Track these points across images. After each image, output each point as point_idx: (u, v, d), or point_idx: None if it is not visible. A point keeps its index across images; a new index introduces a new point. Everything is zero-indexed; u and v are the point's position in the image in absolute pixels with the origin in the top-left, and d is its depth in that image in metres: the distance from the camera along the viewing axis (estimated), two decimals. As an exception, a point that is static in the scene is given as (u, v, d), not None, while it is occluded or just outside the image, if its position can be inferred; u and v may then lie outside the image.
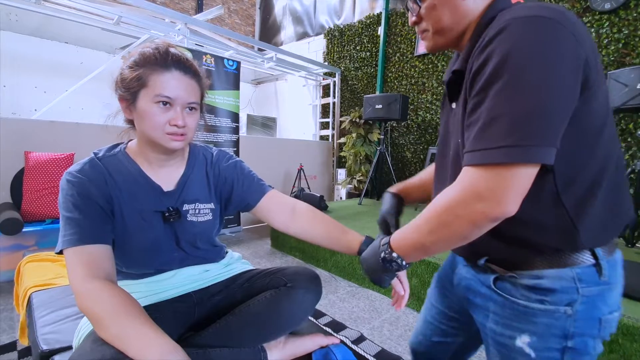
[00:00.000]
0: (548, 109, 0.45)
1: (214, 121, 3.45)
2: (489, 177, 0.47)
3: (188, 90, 0.75)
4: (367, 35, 4.61)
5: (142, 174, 0.80)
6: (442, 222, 0.52)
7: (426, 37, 0.66)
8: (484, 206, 0.47)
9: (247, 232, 3.91)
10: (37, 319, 1.10)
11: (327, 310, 2.07)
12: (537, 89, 0.45)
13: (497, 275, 0.61)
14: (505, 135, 0.46)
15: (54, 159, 2.46)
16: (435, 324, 0.83)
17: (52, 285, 1.34)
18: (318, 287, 0.86)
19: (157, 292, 0.83)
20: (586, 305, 0.55)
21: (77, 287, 0.65)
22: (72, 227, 0.69)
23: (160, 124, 0.72)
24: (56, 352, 0.94)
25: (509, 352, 0.60)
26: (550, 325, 0.56)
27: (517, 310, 0.58)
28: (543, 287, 0.55)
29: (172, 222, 0.81)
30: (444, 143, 0.68)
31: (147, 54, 0.73)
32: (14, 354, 1.52)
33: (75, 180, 0.73)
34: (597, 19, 2.77)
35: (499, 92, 0.47)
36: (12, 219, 2.07)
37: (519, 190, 0.47)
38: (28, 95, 3.95)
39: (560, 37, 0.46)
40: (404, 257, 0.61)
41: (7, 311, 1.90)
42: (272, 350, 0.84)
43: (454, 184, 0.52)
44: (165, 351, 0.59)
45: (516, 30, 0.47)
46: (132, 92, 0.73)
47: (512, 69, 0.46)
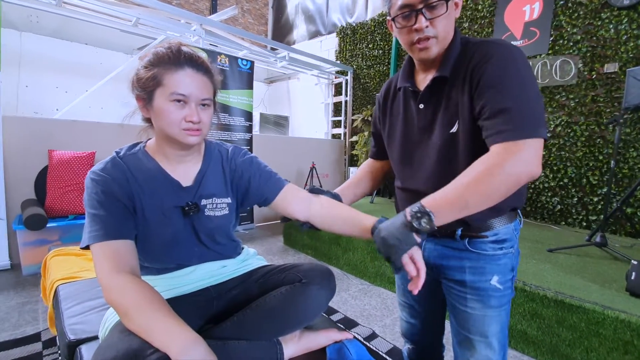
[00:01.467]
0: (542, 104, 0.71)
1: (228, 120, 3.50)
2: (532, 146, 0.65)
3: (201, 87, 0.77)
4: (380, 33, 4.59)
5: (161, 170, 0.83)
6: (491, 181, 0.65)
7: (432, 43, 0.76)
8: (530, 168, 0.65)
9: (260, 230, 3.96)
10: (63, 310, 1.16)
11: (339, 307, 2.09)
12: (537, 91, 0.70)
13: (467, 239, 0.82)
14: (533, 120, 0.67)
15: (76, 157, 2.54)
16: (411, 303, 1.03)
17: (78, 278, 1.40)
18: (332, 284, 0.88)
19: (177, 286, 0.86)
20: (517, 245, 0.85)
21: (104, 281, 0.69)
22: (97, 224, 0.72)
23: (176, 121, 0.75)
24: (82, 342, 0.99)
25: (486, 291, 0.82)
26: (506, 263, 0.82)
27: (488, 259, 0.81)
28: (501, 239, 0.81)
29: (191, 216, 0.83)
30: (417, 137, 0.86)
31: (160, 54, 0.75)
32: (38, 344, 1.59)
33: (99, 179, 0.75)
34: (616, 15, 2.70)
35: (520, 91, 0.68)
36: (37, 214, 2.15)
37: (541, 155, 0.67)
38: (49, 95, 4.08)
39: (526, 59, 0.73)
40: (436, 215, 0.66)
41: (31, 304, 1.98)
42: (287, 343, 0.86)
43: (494, 153, 0.67)
44: (188, 341, 0.62)
45: (508, 54, 0.71)
46: (148, 91, 0.75)
47: (519, 78, 0.69)
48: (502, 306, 0.83)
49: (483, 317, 0.82)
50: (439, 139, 0.80)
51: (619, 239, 2.59)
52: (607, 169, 2.78)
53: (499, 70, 0.70)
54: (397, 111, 0.92)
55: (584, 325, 1.44)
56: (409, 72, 0.89)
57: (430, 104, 0.82)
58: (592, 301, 1.45)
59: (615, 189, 2.75)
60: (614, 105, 2.74)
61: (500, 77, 0.69)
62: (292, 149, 4.45)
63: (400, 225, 0.67)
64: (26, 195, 2.54)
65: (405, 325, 1.08)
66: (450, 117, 0.78)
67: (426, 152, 0.84)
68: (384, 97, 0.98)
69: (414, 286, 0.67)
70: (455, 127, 0.77)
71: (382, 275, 2.39)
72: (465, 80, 0.74)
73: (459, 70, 0.76)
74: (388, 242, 0.67)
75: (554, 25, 3.05)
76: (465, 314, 0.85)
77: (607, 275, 1.77)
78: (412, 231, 0.65)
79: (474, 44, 0.77)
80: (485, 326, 0.83)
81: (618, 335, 1.35)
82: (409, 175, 0.89)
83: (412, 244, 0.66)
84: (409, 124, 0.88)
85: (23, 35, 3.88)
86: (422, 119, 0.84)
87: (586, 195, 2.91)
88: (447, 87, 0.78)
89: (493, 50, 0.72)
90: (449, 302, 0.89)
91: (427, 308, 1.01)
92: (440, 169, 0.81)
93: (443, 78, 0.78)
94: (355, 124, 4.54)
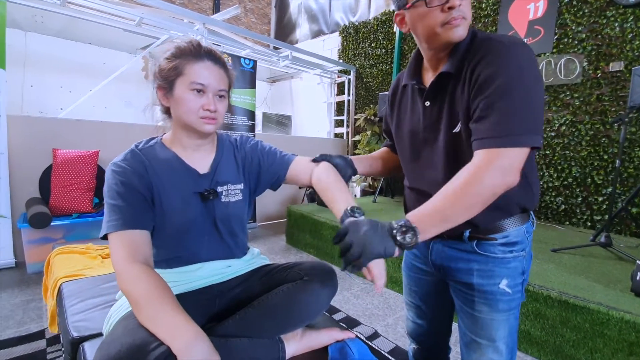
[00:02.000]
0: (539, 110, 0.66)
1: (231, 119, 3.50)
2: (509, 155, 0.63)
3: (218, 78, 0.82)
4: (383, 32, 4.58)
5: (179, 159, 0.87)
6: (470, 192, 0.63)
7: (463, 22, 0.72)
8: (505, 179, 0.63)
9: (263, 229, 3.97)
10: (67, 307, 1.17)
11: (341, 306, 2.09)
12: (535, 95, 0.65)
13: (476, 241, 0.79)
14: (517, 127, 0.64)
15: (80, 156, 2.56)
16: (418, 304, 1.01)
17: (81, 276, 1.41)
18: (334, 282, 0.88)
19: (183, 283, 0.87)
20: (529, 247, 0.82)
21: (119, 268, 0.71)
22: (116, 214, 0.75)
23: (194, 109, 0.80)
24: (86, 339, 1.00)
25: (494, 295, 0.79)
26: (516, 267, 0.79)
27: (497, 262, 0.79)
28: (511, 241, 0.78)
29: (210, 200, 0.87)
30: (424, 136, 0.83)
31: (182, 47, 0.81)
32: (42, 342, 1.60)
33: (119, 170, 0.79)
34: (622, 13, 2.67)
35: (508, 96, 0.64)
36: (41, 213, 2.17)
37: (521, 165, 0.65)
38: (54, 94, 4.10)
39: (535, 59, 0.69)
40: (420, 230, 0.65)
41: (35, 301, 2.00)
42: (289, 341, 0.87)
43: (474, 162, 0.65)
44: (192, 336, 0.63)
45: (505, 51, 0.67)
46: (169, 80, 0.80)
47: (513, 80, 0.65)
48: (511, 310, 0.81)
49: (491, 321, 0.80)
50: (444, 139, 0.78)
51: (623, 239, 2.57)
52: (612, 168, 2.76)
53: (494, 70, 0.66)
54: (404, 108, 0.90)
55: (588, 325, 1.43)
56: (415, 68, 0.86)
57: (436, 101, 0.79)
58: (597, 302, 1.44)
59: (620, 188, 2.72)
60: (619, 104, 2.72)
61: (493, 79, 0.66)
62: (294, 148, 4.38)
63: (386, 232, 0.65)
64: (31, 194, 2.56)
65: (412, 326, 1.06)
66: (454, 117, 0.75)
67: (433, 152, 0.81)
68: (392, 93, 0.97)
69: (378, 289, 0.67)
70: (458, 127, 0.74)
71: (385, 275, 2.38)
72: (466, 77, 0.72)
73: (463, 66, 0.73)
74: (370, 240, 0.63)
75: (558, 24, 3.03)
76: (472, 317, 0.83)
77: (612, 276, 1.75)
78: (396, 244, 0.64)
79: (481, 39, 0.73)
80: (493, 330, 0.81)
81: (623, 336, 1.34)
82: (418, 175, 0.87)
83: (390, 254, 0.64)
84: (416, 122, 0.85)
85: (28, 35, 3.90)
86: (428, 117, 0.81)
87: (591, 195, 2.89)
88: (452, 84, 0.75)
89: (493, 47, 0.69)
90: (457, 304, 0.88)
91: (435, 309, 0.99)
92: (448, 171, 0.77)
93: (448, 74, 0.75)
94: (357, 123, 4.53)
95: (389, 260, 2.34)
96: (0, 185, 2.38)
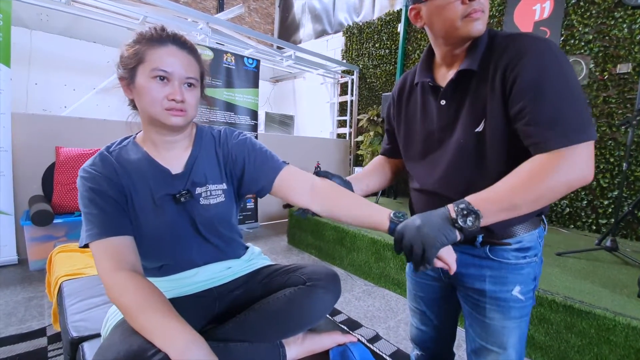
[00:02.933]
0: (585, 101, 0.64)
1: (234, 118, 3.50)
2: (582, 151, 0.61)
3: (185, 64, 0.74)
4: (387, 33, 4.56)
5: (149, 158, 0.80)
6: (543, 185, 0.62)
7: (484, 16, 0.70)
8: (583, 173, 0.62)
9: (264, 229, 3.96)
10: (67, 307, 1.16)
11: (342, 308, 2.08)
12: (579, 89, 0.64)
13: (488, 246, 0.77)
14: (583, 121, 0.62)
15: (83, 154, 2.56)
16: (423, 310, 0.98)
17: (82, 275, 1.40)
18: (337, 287, 0.86)
19: (180, 287, 0.85)
20: (541, 253, 0.80)
21: (105, 280, 0.68)
22: (91, 222, 0.71)
23: (157, 99, 0.72)
24: (85, 339, 0.99)
25: (507, 302, 0.77)
26: (529, 273, 0.78)
27: (510, 268, 0.77)
28: (524, 247, 0.76)
29: (184, 203, 0.80)
30: (437, 137, 0.80)
31: (143, 32, 0.74)
32: (43, 339, 1.60)
33: (88, 176, 0.74)
34: (630, 14, 2.64)
35: (563, 93, 0.63)
36: (44, 210, 2.17)
37: (593, 159, 0.63)
38: (58, 92, 4.11)
39: (564, 53, 0.67)
40: (483, 215, 0.63)
41: (37, 299, 1.99)
42: (290, 346, 0.85)
43: (547, 156, 0.62)
44: (189, 342, 0.61)
45: (547, 49, 0.65)
46: (130, 68, 0.73)
47: (561, 78, 0.63)
48: (522, 317, 0.79)
49: (502, 328, 0.78)
50: (463, 138, 0.74)
51: (630, 243, 2.54)
52: (618, 171, 2.73)
53: (537, 68, 0.64)
54: (414, 108, 0.87)
55: (593, 331, 1.40)
56: (427, 66, 0.83)
57: (453, 100, 0.76)
58: (603, 307, 1.42)
59: (627, 192, 2.69)
60: (626, 106, 2.69)
61: (541, 78, 0.63)
62: (297, 148, 4.44)
63: (442, 219, 0.63)
64: (34, 192, 2.57)
65: (415, 332, 1.04)
66: (477, 115, 0.72)
67: (448, 152, 0.78)
68: (398, 93, 0.93)
69: (452, 272, 0.66)
70: (481, 126, 0.71)
71: (387, 277, 2.37)
72: (496, 77, 0.68)
73: (488, 65, 0.70)
74: (427, 233, 0.61)
75: (564, 25, 3.00)
76: (483, 324, 0.81)
77: (618, 281, 1.73)
78: (455, 228, 0.63)
79: (504, 37, 0.71)
80: (504, 337, 0.78)
81: (630, 343, 1.32)
82: (429, 177, 0.83)
83: (452, 240, 0.63)
84: (428, 122, 0.82)
85: (33, 33, 3.92)
86: (444, 116, 0.78)
87: (596, 198, 2.86)
88: (474, 82, 0.72)
89: (529, 45, 0.66)
90: (466, 310, 0.85)
91: (440, 315, 0.97)
92: (466, 171, 0.75)
93: (470, 72, 0.72)
94: (360, 123, 4.51)
95: (390, 262, 2.33)
96: (4, 183, 2.38)
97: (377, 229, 0.73)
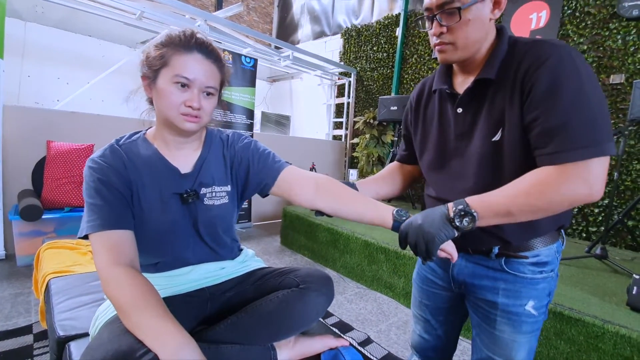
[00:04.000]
0: (606, 111, 0.62)
1: (230, 117, 3.48)
2: (595, 166, 0.59)
3: (207, 74, 0.76)
4: (385, 36, 4.58)
5: (160, 156, 0.81)
6: (543, 198, 0.61)
7: (447, 49, 0.72)
8: (590, 191, 0.60)
9: (257, 229, 3.94)
10: (54, 305, 1.14)
11: (334, 310, 2.07)
12: (603, 100, 0.62)
13: (504, 258, 0.75)
14: (598, 134, 0.59)
15: (75, 149, 2.52)
16: (427, 318, 0.97)
17: (70, 272, 1.38)
18: (330, 291, 0.86)
19: (173, 286, 0.84)
20: (557, 267, 0.78)
21: (102, 273, 0.67)
22: (95, 213, 0.71)
23: (175, 104, 0.73)
24: (72, 338, 0.97)
25: (519, 317, 0.75)
26: (544, 288, 0.76)
27: (525, 282, 0.75)
28: (542, 261, 0.75)
29: (190, 203, 0.81)
30: (454, 145, 0.79)
31: (172, 35, 0.75)
32: (29, 337, 1.57)
33: (96, 167, 0.75)
34: (624, 26, 2.69)
35: (579, 103, 0.60)
36: (33, 205, 2.13)
37: (606, 176, 0.61)
38: (51, 85, 4.05)
39: (584, 60, 0.63)
40: (479, 217, 0.65)
41: (24, 295, 1.96)
42: (281, 349, 0.85)
43: (552, 170, 0.61)
44: (180, 344, 0.60)
45: (566, 56, 0.62)
46: (154, 70, 0.75)
47: (578, 86, 0.61)
48: (534, 332, 0.77)
49: (512, 342, 0.77)
50: (480, 147, 0.73)
51: (619, 251, 2.58)
52: (609, 180, 2.76)
53: (554, 76, 0.62)
54: (431, 115, 0.86)
55: (582, 338, 1.42)
56: (446, 73, 0.82)
57: (470, 108, 0.75)
58: (592, 314, 1.43)
59: (617, 201, 2.73)
60: (618, 116, 2.73)
61: (556, 86, 0.61)
62: (292, 149, 4.42)
63: (440, 217, 0.66)
64: (23, 186, 2.52)
65: (417, 339, 1.02)
66: (494, 124, 0.71)
67: (465, 161, 0.77)
68: (417, 99, 0.91)
69: (454, 260, 0.69)
70: (499, 135, 0.70)
71: (379, 280, 2.37)
72: (515, 85, 0.67)
73: (507, 73, 0.69)
74: (428, 230, 0.65)
75: (560, 35, 3.04)
76: (492, 336, 0.79)
77: (607, 289, 1.75)
78: (452, 227, 0.65)
79: (525, 43, 0.69)
80: (513, 351, 0.77)
81: (618, 351, 1.33)
82: (446, 185, 0.82)
83: (451, 237, 0.66)
84: (445, 129, 0.81)
85: (27, 25, 3.86)
86: (460, 124, 0.77)
87: (587, 206, 2.89)
88: (492, 90, 0.71)
89: (548, 52, 0.64)
90: (475, 320, 0.84)
91: (445, 325, 0.95)
92: (483, 180, 0.74)
93: (487, 80, 0.71)
94: (356, 126, 4.52)
95: (383, 265, 2.33)
96: (-8, 176, 2.34)
97: (381, 226, 0.76)
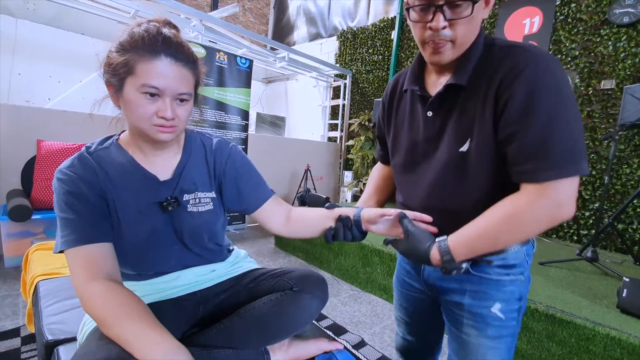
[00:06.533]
0: (581, 128, 0.61)
1: (224, 118, 3.46)
2: (565, 188, 0.59)
3: (178, 80, 0.67)
4: (380, 39, 4.60)
5: (135, 164, 0.76)
6: (520, 225, 0.61)
7: (446, 49, 0.66)
8: (564, 211, 0.60)
9: (251, 230, 3.92)
10: (43, 308, 1.11)
11: (328, 313, 2.06)
12: (578, 117, 0.60)
13: (470, 262, 0.74)
14: (573, 153, 0.58)
15: (66, 149, 2.48)
16: (407, 320, 0.98)
17: (59, 275, 1.35)
18: (324, 293, 0.85)
19: (160, 291, 0.82)
20: (528, 271, 0.77)
21: (78, 291, 0.64)
22: (67, 228, 0.67)
23: (147, 116, 0.66)
24: (60, 342, 0.95)
25: (484, 319, 0.74)
26: (513, 291, 0.74)
27: (492, 284, 0.74)
28: (509, 264, 0.73)
29: (171, 211, 0.76)
30: (423, 149, 0.76)
31: (135, 37, 0.66)
32: (17, 340, 1.53)
33: (65, 178, 0.69)
34: (615, 32, 2.73)
35: (556, 119, 0.58)
36: (22, 205, 2.09)
37: (576, 195, 0.61)
38: (42, 84, 3.99)
39: (563, 71, 0.61)
40: (456, 257, 0.67)
41: (12, 297, 1.91)
42: (275, 352, 0.84)
43: (524, 194, 0.61)
44: (169, 352, 0.58)
45: (543, 66, 0.59)
46: (119, 78, 0.67)
47: (556, 100, 0.58)
48: (502, 338, 0.75)
49: (478, 346, 0.75)
50: (446, 154, 0.70)
51: (609, 254, 2.61)
52: (600, 184, 2.81)
53: (530, 90, 0.58)
54: (402, 115, 0.82)
55: (574, 340, 1.43)
56: (418, 72, 0.78)
57: (439, 113, 0.71)
58: (583, 317, 1.45)
59: (607, 204, 2.77)
60: (609, 121, 2.77)
61: (533, 101, 0.58)
62: (287, 150, 4.41)
63: (425, 251, 0.69)
64: (12, 185, 2.47)
65: (401, 341, 1.03)
66: (462, 134, 0.67)
67: (431, 168, 0.74)
68: (389, 97, 0.87)
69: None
70: (467, 145, 0.67)
71: (373, 282, 2.37)
72: (488, 95, 0.63)
73: (480, 79, 0.65)
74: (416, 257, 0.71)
75: (552, 40, 3.08)
76: (459, 340, 0.79)
77: (598, 291, 1.77)
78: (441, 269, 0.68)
79: (500, 48, 0.65)
80: (479, 356, 0.76)
81: (608, 353, 1.34)
82: (411, 191, 0.80)
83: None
84: (415, 132, 0.77)
85: (19, 22, 3.80)
86: (430, 129, 0.73)
87: (578, 209, 2.93)
88: (463, 96, 0.67)
89: (525, 61, 0.60)
90: (447, 325, 0.84)
91: (424, 326, 0.96)
92: (445, 190, 0.72)
93: (458, 86, 0.67)
94: (352, 128, 4.53)
95: (378, 267, 2.33)
96: (-20, 175, 2.29)
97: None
